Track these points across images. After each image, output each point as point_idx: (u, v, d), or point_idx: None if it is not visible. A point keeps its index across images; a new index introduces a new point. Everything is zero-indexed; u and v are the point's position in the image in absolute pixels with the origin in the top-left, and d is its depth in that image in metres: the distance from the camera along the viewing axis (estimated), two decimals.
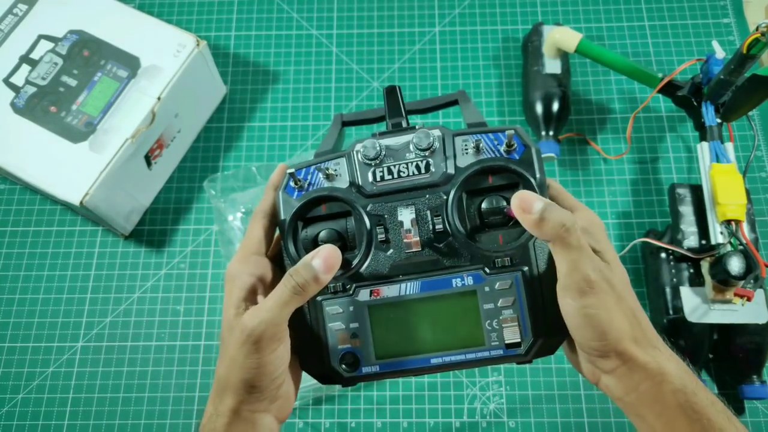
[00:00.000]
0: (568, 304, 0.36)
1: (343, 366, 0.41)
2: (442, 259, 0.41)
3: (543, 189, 0.40)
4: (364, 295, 0.41)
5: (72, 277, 0.74)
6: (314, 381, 0.44)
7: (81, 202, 0.66)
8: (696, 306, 0.63)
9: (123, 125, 0.69)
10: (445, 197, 0.41)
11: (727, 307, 0.63)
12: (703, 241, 0.65)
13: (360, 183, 0.41)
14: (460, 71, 0.84)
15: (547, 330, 0.40)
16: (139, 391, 0.69)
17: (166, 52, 0.72)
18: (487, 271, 0.40)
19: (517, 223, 0.39)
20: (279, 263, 0.43)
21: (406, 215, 0.40)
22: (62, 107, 0.70)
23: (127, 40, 0.73)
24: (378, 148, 0.41)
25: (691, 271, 0.65)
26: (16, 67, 0.72)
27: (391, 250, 0.41)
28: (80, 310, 0.73)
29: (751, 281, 0.58)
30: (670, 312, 0.65)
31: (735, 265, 0.59)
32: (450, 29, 0.86)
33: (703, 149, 0.66)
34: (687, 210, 0.67)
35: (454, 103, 0.46)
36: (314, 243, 0.41)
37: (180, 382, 0.69)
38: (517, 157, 0.40)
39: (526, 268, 0.40)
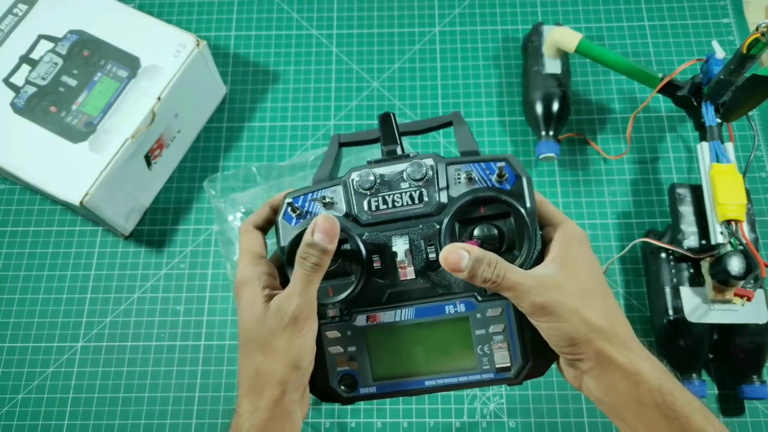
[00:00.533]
0: (535, 324, 0.39)
1: (342, 387, 0.43)
2: (436, 286, 0.42)
3: (533, 218, 0.41)
4: (361, 320, 0.43)
5: (72, 277, 0.74)
6: None
7: (81, 202, 0.66)
8: (696, 306, 0.63)
9: (123, 125, 0.69)
10: (438, 227, 0.42)
11: (727, 307, 0.63)
12: (703, 241, 0.65)
13: (356, 212, 0.43)
14: (460, 71, 0.84)
15: (535, 353, 0.42)
16: (139, 391, 0.69)
17: (166, 52, 0.72)
18: (479, 298, 0.42)
19: (507, 251, 0.41)
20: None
21: (400, 245, 0.42)
22: (62, 107, 0.70)
23: (127, 40, 0.73)
24: (373, 178, 0.42)
25: (691, 271, 0.65)
26: (16, 67, 0.72)
27: (387, 279, 0.42)
28: (80, 310, 0.73)
29: (751, 281, 0.58)
30: (670, 312, 0.65)
31: (735, 265, 0.59)
32: (450, 29, 0.86)
33: (703, 149, 0.66)
34: (687, 210, 0.67)
35: (449, 124, 0.47)
36: None
37: (180, 382, 0.69)
38: (509, 187, 0.42)
39: None
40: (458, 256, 0.38)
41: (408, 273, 0.42)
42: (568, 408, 0.67)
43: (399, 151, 0.45)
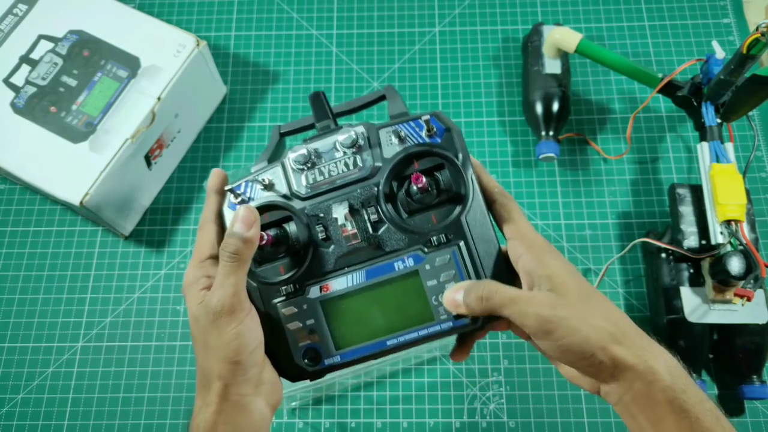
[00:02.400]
0: (542, 345, 0.39)
1: (306, 361, 0.43)
2: (383, 246, 0.43)
3: (466, 166, 0.43)
4: (314, 292, 0.43)
5: (72, 277, 0.74)
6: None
7: (81, 202, 0.66)
8: (696, 306, 0.63)
9: (123, 125, 0.69)
10: (375, 189, 0.43)
11: (727, 307, 0.63)
12: (703, 241, 0.65)
13: (295, 188, 0.44)
14: (460, 71, 0.84)
15: None
16: (139, 391, 0.69)
17: (166, 52, 0.72)
18: (426, 250, 0.43)
19: (447, 202, 0.43)
20: None
21: (339, 211, 0.43)
22: (62, 107, 0.70)
23: (127, 40, 0.73)
24: (307, 153, 0.43)
25: (691, 271, 0.65)
26: (16, 67, 0.72)
27: (333, 246, 0.43)
28: (80, 310, 0.73)
29: (751, 281, 0.58)
30: (670, 312, 0.65)
31: (735, 265, 0.59)
32: (450, 29, 0.86)
33: (703, 149, 0.66)
34: (687, 210, 0.67)
35: (382, 98, 0.48)
36: (261, 251, 0.43)
37: (180, 382, 0.69)
38: (439, 140, 0.43)
39: (461, 242, 0.42)
40: (452, 295, 0.41)
41: (352, 236, 0.43)
42: (568, 408, 0.67)
43: (332, 126, 0.46)
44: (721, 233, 0.62)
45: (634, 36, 0.84)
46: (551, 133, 0.74)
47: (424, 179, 0.41)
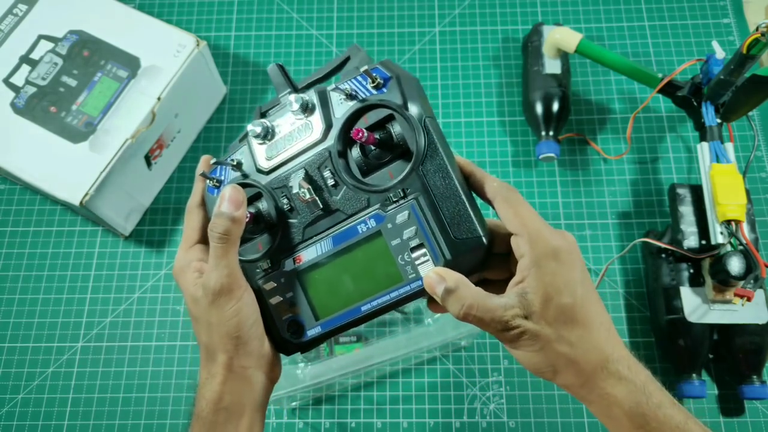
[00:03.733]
0: (509, 349, 0.39)
1: (290, 334, 0.44)
2: (344, 210, 0.42)
3: (416, 113, 0.40)
4: (289, 264, 0.43)
5: (72, 278, 0.74)
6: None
7: (81, 203, 0.66)
8: (696, 306, 0.63)
9: (123, 125, 0.69)
10: (330, 151, 0.41)
11: (727, 307, 0.63)
12: (703, 241, 0.65)
13: (259, 163, 0.43)
14: (460, 71, 0.84)
15: (456, 248, 0.39)
16: (139, 391, 0.69)
17: (166, 52, 0.72)
18: (384, 205, 0.41)
19: (400, 156, 0.40)
20: None
21: (294, 180, 0.42)
22: (62, 107, 0.70)
23: (127, 40, 0.73)
24: (263, 125, 0.43)
25: (691, 271, 0.65)
26: (16, 68, 0.72)
27: (299, 216, 0.43)
28: (80, 310, 0.73)
29: (751, 281, 0.58)
30: (670, 312, 0.65)
31: (735, 265, 0.59)
32: (450, 29, 0.86)
33: (703, 149, 0.66)
34: (687, 210, 0.67)
35: (348, 60, 0.46)
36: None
37: (180, 382, 0.69)
38: (386, 90, 0.40)
39: (421, 196, 0.40)
40: (434, 285, 0.38)
41: (312, 204, 0.42)
42: (568, 408, 0.67)
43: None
44: (721, 233, 0.62)
45: (634, 36, 0.84)
46: (551, 133, 0.74)
47: (364, 132, 0.38)
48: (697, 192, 0.67)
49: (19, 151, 0.69)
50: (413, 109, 0.40)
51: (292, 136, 0.42)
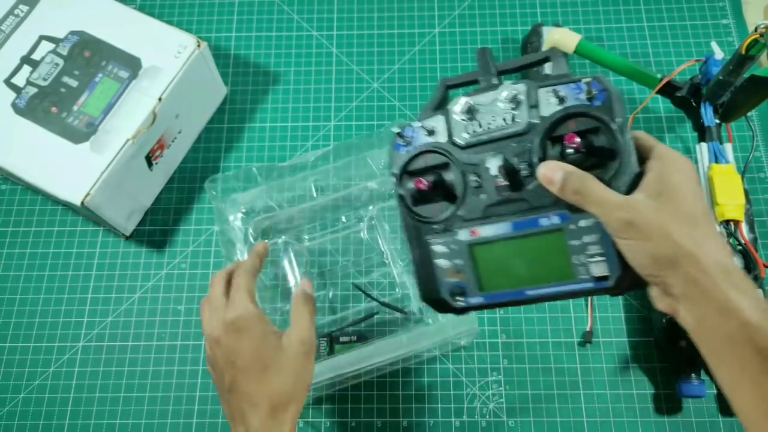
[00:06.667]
0: (618, 243, 0.39)
1: (453, 297, 0.47)
2: (531, 201, 0.44)
3: (624, 131, 0.41)
4: (464, 234, 0.46)
5: (73, 278, 0.75)
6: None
7: (82, 203, 0.66)
8: None
9: (124, 126, 0.69)
10: (530, 145, 0.44)
11: None
12: None
13: (455, 137, 0.46)
14: (460, 72, 0.84)
15: (625, 264, 0.41)
16: (139, 391, 0.69)
17: (167, 53, 0.73)
18: (573, 209, 0.42)
19: (598, 167, 0.42)
20: None
21: (493, 163, 0.44)
22: (63, 108, 0.71)
23: (128, 41, 0.74)
24: (469, 105, 0.46)
25: None
26: (17, 68, 0.72)
27: (485, 195, 0.45)
28: (81, 310, 0.73)
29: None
30: None
31: None
32: (450, 30, 0.87)
33: (702, 150, 0.66)
34: None
35: (546, 60, 0.49)
36: (419, 192, 0.46)
37: (180, 382, 0.70)
38: (599, 104, 0.42)
39: None
40: (553, 170, 0.41)
41: (503, 188, 0.44)
42: (567, 407, 0.67)
43: (495, 81, 0.47)
44: (720, 233, 0.62)
45: (633, 37, 0.85)
46: None
47: (578, 139, 0.41)
48: None
49: (20, 151, 0.69)
50: (621, 128, 0.41)
51: (496, 122, 0.45)
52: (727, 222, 0.62)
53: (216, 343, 0.49)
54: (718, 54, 0.66)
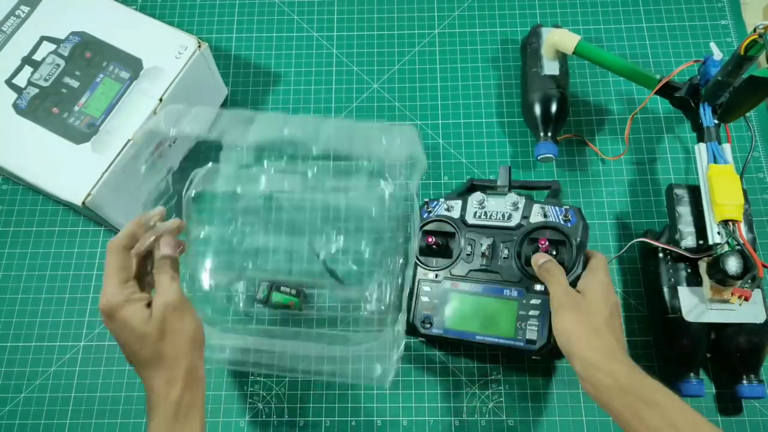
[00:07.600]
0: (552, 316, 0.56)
1: (423, 324, 0.64)
2: (502, 275, 0.64)
3: (581, 249, 0.61)
4: (447, 284, 0.65)
5: (74, 277, 0.75)
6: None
7: (83, 203, 0.67)
8: (693, 306, 0.64)
9: (125, 126, 0.70)
10: (515, 238, 0.64)
11: (725, 306, 0.63)
12: (701, 241, 0.65)
13: (466, 216, 0.67)
14: (459, 73, 0.84)
15: (551, 338, 0.59)
16: (140, 390, 0.69)
17: (168, 53, 0.73)
18: (528, 290, 0.62)
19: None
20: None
21: (485, 242, 0.65)
22: (64, 108, 0.71)
23: (129, 41, 0.74)
24: (482, 199, 0.67)
25: (689, 271, 0.66)
26: (19, 69, 0.73)
27: (472, 262, 0.65)
28: (82, 309, 0.73)
29: (749, 281, 0.58)
30: (668, 312, 0.65)
31: (732, 265, 0.59)
32: (449, 31, 0.87)
33: (701, 150, 0.67)
34: (684, 210, 0.67)
35: (548, 188, 0.70)
36: (428, 246, 0.65)
37: None
38: (569, 225, 0.62)
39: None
40: (543, 256, 0.60)
41: (486, 261, 0.64)
42: (566, 407, 0.67)
43: (506, 190, 0.68)
44: (719, 233, 0.62)
45: (632, 37, 0.85)
46: (550, 134, 0.75)
47: (547, 243, 0.61)
48: (694, 192, 0.68)
49: (22, 151, 0.70)
50: (579, 246, 0.61)
51: (497, 215, 0.66)
52: (725, 222, 0.62)
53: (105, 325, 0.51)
54: (717, 54, 0.66)
